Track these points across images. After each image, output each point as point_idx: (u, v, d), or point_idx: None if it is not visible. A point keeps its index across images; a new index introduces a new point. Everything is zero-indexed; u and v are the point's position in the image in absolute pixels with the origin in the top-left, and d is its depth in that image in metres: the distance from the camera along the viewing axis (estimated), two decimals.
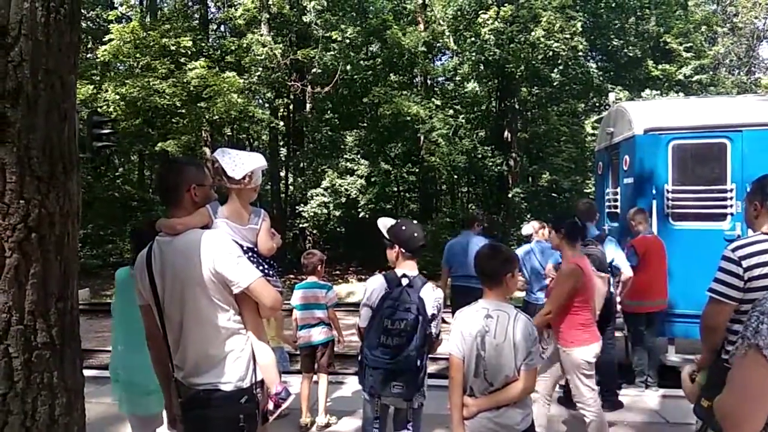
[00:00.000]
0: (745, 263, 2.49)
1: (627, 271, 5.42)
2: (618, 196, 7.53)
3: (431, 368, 6.72)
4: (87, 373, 2.18)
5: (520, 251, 6.37)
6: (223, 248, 2.24)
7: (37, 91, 1.73)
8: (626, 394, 5.65)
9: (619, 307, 5.72)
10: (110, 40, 16.22)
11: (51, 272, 1.77)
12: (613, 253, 5.38)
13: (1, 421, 1.62)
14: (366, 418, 3.39)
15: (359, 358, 3.32)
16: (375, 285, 3.26)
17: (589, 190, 18.63)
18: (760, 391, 1.46)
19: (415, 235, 3.27)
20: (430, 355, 3.31)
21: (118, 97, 15.85)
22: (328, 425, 4.95)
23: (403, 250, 3.26)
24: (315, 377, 5.09)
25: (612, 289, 5.39)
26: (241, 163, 2.45)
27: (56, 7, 1.80)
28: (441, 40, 20.47)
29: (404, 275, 3.19)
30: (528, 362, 2.68)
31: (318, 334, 4.96)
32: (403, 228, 3.32)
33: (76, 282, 1.93)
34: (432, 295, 3.17)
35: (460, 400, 2.75)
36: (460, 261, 6.52)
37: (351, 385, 5.92)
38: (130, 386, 3.28)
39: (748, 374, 1.49)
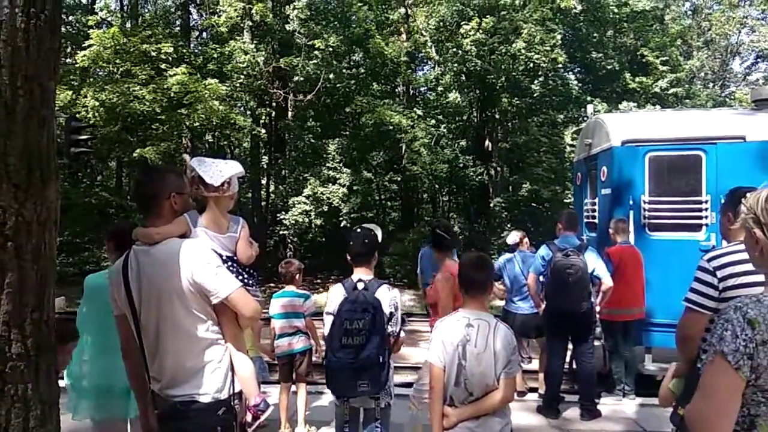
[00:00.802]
0: (720, 273, 2.54)
1: (607, 281, 5.49)
2: (596, 207, 7.63)
3: (412, 377, 6.74)
4: (62, 383, 2.13)
5: (501, 260, 6.43)
6: (201, 258, 2.22)
7: (15, 98, 1.72)
8: (604, 403, 5.71)
9: (598, 316, 5.79)
10: (90, 45, 16.02)
11: (27, 282, 1.74)
12: (594, 262, 5.45)
13: None
14: (337, 420, 3.52)
15: (324, 363, 3.45)
16: (335, 293, 3.42)
17: (568, 201, 18.85)
18: (726, 397, 1.51)
19: (351, 243, 3.50)
20: (395, 354, 3.48)
21: (97, 103, 15.63)
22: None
23: (348, 257, 3.50)
24: (293, 387, 5.06)
25: (592, 299, 5.46)
26: (219, 171, 2.45)
27: (36, 13, 1.78)
28: (423, 51, 20.63)
29: (360, 280, 3.35)
30: (507, 371, 2.72)
31: (296, 343, 4.95)
32: (349, 237, 3.59)
33: (52, 292, 1.90)
34: (387, 295, 3.33)
35: (440, 410, 2.76)
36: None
37: (330, 394, 5.88)
38: (100, 392, 3.20)
39: (714, 380, 1.54)
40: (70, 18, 21.09)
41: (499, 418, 2.78)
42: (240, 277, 2.36)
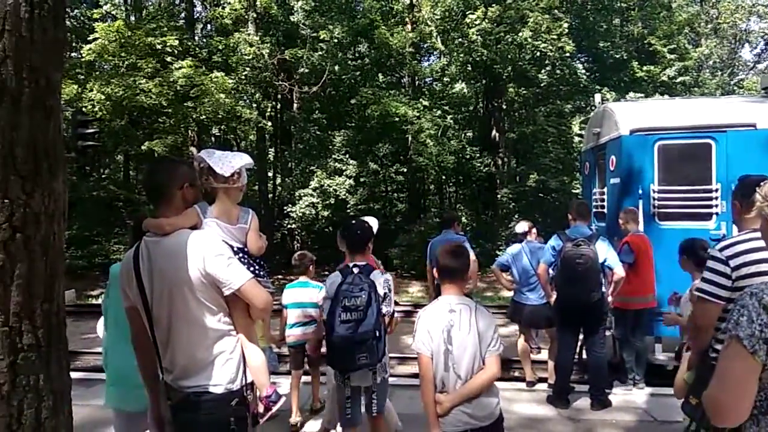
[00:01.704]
0: (732, 262, 2.51)
1: (619, 271, 5.46)
2: (605, 196, 7.58)
3: (411, 369, 6.74)
4: (74, 375, 2.13)
5: (510, 251, 6.40)
6: (213, 249, 2.21)
7: (20, 88, 1.70)
8: (614, 393, 5.69)
9: (610, 306, 5.76)
10: (95, 39, 16.02)
11: (36, 273, 1.74)
12: (605, 252, 5.41)
13: None
14: (339, 400, 3.77)
15: (325, 342, 3.72)
16: (333, 279, 3.72)
17: (576, 191, 18.76)
18: (742, 380, 1.55)
19: (346, 234, 3.88)
20: (389, 335, 3.76)
21: (103, 96, 15.65)
22: (321, 408, 5.09)
23: (346, 247, 3.84)
24: (304, 376, 5.17)
25: (604, 289, 5.43)
26: (228, 162, 2.45)
27: (40, 2, 1.77)
28: (429, 41, 20.51)
29: (355, 265, 3.65)
30: (491, 349, 2.83)
31: (310, 333, 5.07)
32: (344, 228, 3.93)
33: (62, 283, 1.89)
34: (381, 278, 3.62)
35: (432, 398, 2.82)
36: None
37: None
38: (122, 379, 3.23)
39: (730, 364, 1.58)
40: (75, 11, 21.09)
41: (493, 397, 2.88)
42: (251, 269, 2.36)
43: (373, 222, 4.08)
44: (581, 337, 5.76)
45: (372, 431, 3.82)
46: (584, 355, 6.08)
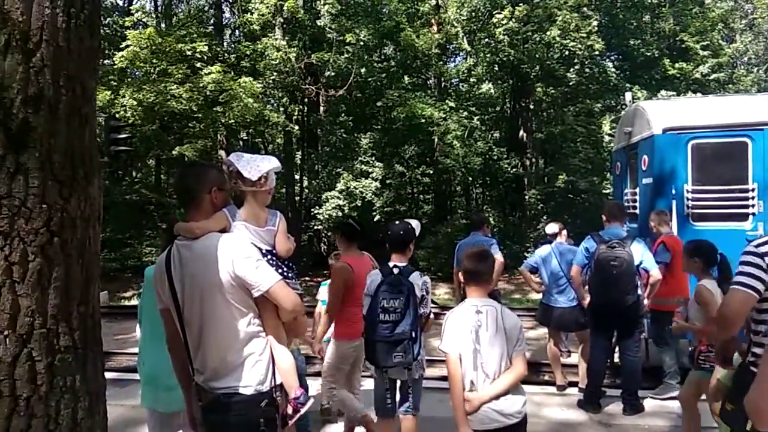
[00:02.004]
0: None
1: (656, 273, 5.34)
2: (637, 197, 7.44)
3: (439, 371, 6.71)
4: (107, 375, 2.18)
5: (539, 252, 6.32)
6: (242, 251, 2.24)
7: (58, 97, 1.75)
8: (649, 397, 5.57)
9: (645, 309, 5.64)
10: (127, 46, 16.39)
11: (73, 276, 1.78)
12: (641, 254, 5.29)
13: (25, 424, 1.63)
14: (378, 390, 3.96)
15: (364, 339, 3.92)
16: (373, 277, 3.89)
17: (606, 191, 18.44)
18: None
19: (389, 233, 4.01)
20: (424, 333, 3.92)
21: (135, 102, 16.00)
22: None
23: (387, 247, 3.97)
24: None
25: (639, 291, 5.32)
26: (256, 166, 2.46)
27: (76, 12, 1.81)
28: (455, 42, 20.41)
29: (395, 266, 3.81)
30: (518, 348, 2.92)
31: None
32: (388, 228, 4.09)
33: (97, 286, 1.94)
34: (419, 280, 3.77)
35: (461, 397, 2.86)
36: None
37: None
38: (153, 380, 3.28)
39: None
40: (108, 20, 21.60)
41: (520, 395, 2.94)
42: (280, 270, 2.37)
43: (415, 224, 4.15)
44: (614, 340, 5.65)
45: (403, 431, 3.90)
46: (616, 359, 5.96)
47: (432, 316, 4.00)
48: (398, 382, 3.87)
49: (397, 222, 4.14)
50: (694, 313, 3.92)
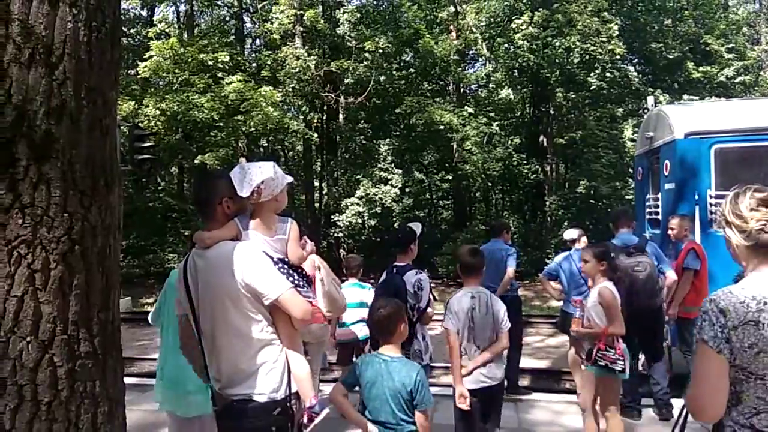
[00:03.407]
0: None
1: (671, 275, 5.28)
2: (659, 202, 7.33)
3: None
4: (127, 380, 2.22)
5: (558, 259, 6.26)
6: (252, 260, 2.26)
7: (80, 108, 1.79)
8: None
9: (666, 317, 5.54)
10: (150, 56, 16.70)
11: (94, 283, 1.81)
12: (655, 257, 5.24)
13: (46, 428, 1.66)
14: None
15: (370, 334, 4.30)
16: (382, 277, 4.34)
17: (629, 197, 18.18)
18: (715, 377, 1.72)
19: (392, 237, 4.51)
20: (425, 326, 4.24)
21: (158, 112, 16.28)
22: None
23: (391, 248, 4.45)
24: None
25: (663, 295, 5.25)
26: (249, 180, 2.37)
27: (98, 26, 1.85)
28: (474, 48, 20.39)
29: (395, 266, 4.19)
30: (503, 326, 3.75)
31: (359, 331, 5.42)
32: (390, 232, 4.59)
33: (117, 293, 1.97)
34: (413, 278, 4.07)
35: (459, 362, 3.67)
36: (492, 270, 6.44)
37: None
38: (173, 384, 3.31)
39: (702, 364, 1.76)
40: (131, 30, 22.02)
41: (501, 363, 3.83)
42: (291, 279, 2.37)
43: (415, 226, 4.41)
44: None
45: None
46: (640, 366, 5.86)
47: (430, 310, 4.22)
48: None
49: (397, 226, 4.50)
50: (597, 315, 4.11)
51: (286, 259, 2.46)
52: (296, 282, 2.39)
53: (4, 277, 1.64)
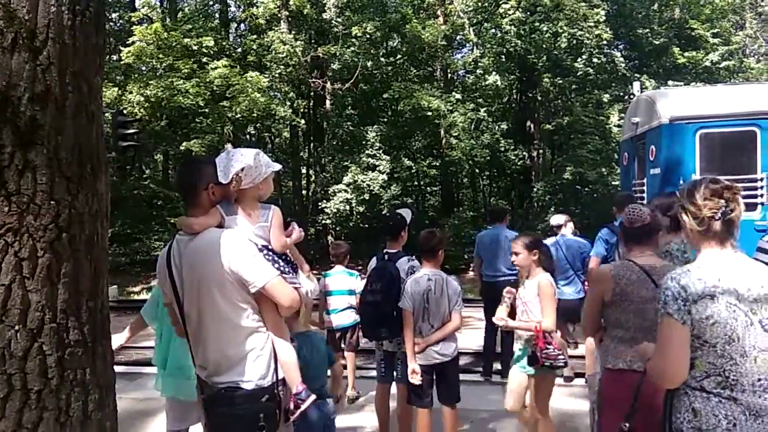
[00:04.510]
0: None
1: None
2: (644, 188, 7.40)
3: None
4: (117, 369, 2.21)
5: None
6: (239, 248, 2.25)
7: (64, 94, 1.76)
8: None
9: None
10: (133, 42, 16.42)
11: (82, 271, 1.80)
12: None
13: (37, 416, 1.66)
14: (377, 361, 4.57)
15: (359, 317, 4.63)
16: (371, 263, 4.48)
17: (615, 182, 18.33)
18: (679, 346, 1.95)
19: (382, 223, 4.62)
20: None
21: (142, 98, 16.05)
22: (357, 398, 5.51)
23: (382, 234, 4.56)
24: (342, 360, 5.48)
25: None
26: (230, 167, 2.37)
27: (82, 10, 1.82)
28: (461, 33, 20.31)
29: (386, 252, 4.30)
30: (456, 307, 3.96)
31: (347, 318, 5.43)
32: (381, 219, 4.62)
33: (106, 281, 1.96)
34: (406, 265, 4.19)
35: (413, 340, 3.90)
36: (490, 254, 6.48)
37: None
38: (177, 371, 3.32)
39: (665, 334, 1.99)
40: (113, 15, 21.62)
41: (453, 342, 4.01)
42: (276, 266, 2.36)
43: (405, 212, 4.48)
44: None
45: (418, 421, 4.08)
46: None
47: None
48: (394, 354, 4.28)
49: (387, 213, 4.57)
50: (534, 307, 3.84)
51: (270, 246, 2.45)
52: (282, 269, 2.38)
53: None
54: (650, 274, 2.76)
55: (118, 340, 3.61)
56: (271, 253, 2.42)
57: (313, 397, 2.41)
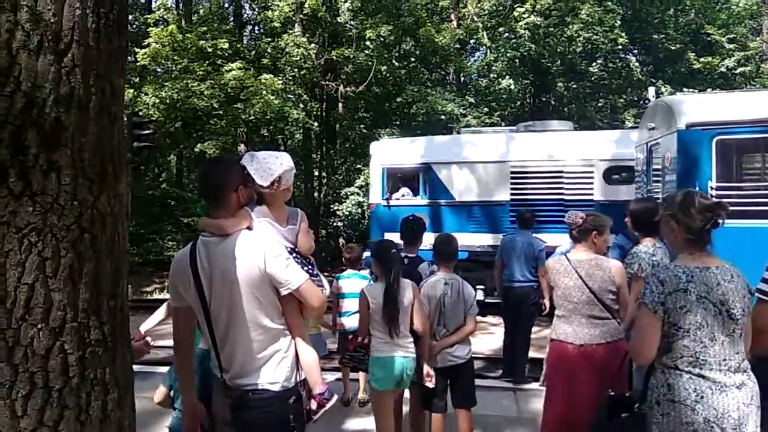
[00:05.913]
0: None
1: None
2: (659, 194, 7.33)
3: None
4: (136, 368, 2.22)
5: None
6: (273, 249, 2.26)
7: (88, 96, 1.77)
8: None
9: None
10: (149, 44, 16.56)
11: (103, 271, 1.81)
12: None
13: (58, 414, 1.67)
14: None
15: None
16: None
17: None
18: (650, 330, 2.35)
19: (402, 228, 4.60)
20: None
21: (157, 100, 16.17)
22: (368, 401, 5.26)
23: (400, 238, 4.59)
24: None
25: None
26: (268, 169, 2.40)
27: (105, 13, 1.84)
28: (475, 37, 20.28)
29: (406, 256, 4.36)
30: (471, 312, 4.03)
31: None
32: (401, 223, 4.63)
33: (126, 281, 1.97)
34: (427, 269, 4.34)
35: (428, 343, 3.91)
36: (513, 258, 6.45)
37: None
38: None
39: (642, 321, 2.41)
40: (130, 17, 21.80)
41: (467, 345, 4.08)
42: (304, 269, 2.39)
43: (425, 218, 4.69)
44: None
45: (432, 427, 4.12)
46: None
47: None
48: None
49: (410, 217, 4.64)
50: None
51: (296, 249, 2.47)
52: (309, 271, 2.41)
53: (15, 265, 1.64)
54: (575, 267, 3.61)
55: (154, 318, 3.64)
56: (298, 255, 2.45)
57: (336, 396, 2.43)
